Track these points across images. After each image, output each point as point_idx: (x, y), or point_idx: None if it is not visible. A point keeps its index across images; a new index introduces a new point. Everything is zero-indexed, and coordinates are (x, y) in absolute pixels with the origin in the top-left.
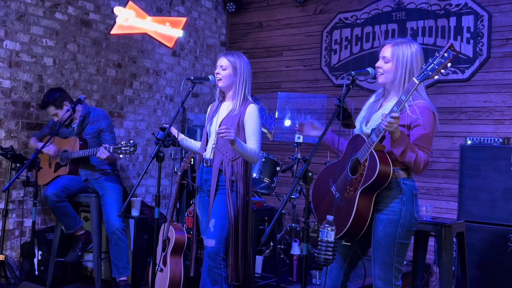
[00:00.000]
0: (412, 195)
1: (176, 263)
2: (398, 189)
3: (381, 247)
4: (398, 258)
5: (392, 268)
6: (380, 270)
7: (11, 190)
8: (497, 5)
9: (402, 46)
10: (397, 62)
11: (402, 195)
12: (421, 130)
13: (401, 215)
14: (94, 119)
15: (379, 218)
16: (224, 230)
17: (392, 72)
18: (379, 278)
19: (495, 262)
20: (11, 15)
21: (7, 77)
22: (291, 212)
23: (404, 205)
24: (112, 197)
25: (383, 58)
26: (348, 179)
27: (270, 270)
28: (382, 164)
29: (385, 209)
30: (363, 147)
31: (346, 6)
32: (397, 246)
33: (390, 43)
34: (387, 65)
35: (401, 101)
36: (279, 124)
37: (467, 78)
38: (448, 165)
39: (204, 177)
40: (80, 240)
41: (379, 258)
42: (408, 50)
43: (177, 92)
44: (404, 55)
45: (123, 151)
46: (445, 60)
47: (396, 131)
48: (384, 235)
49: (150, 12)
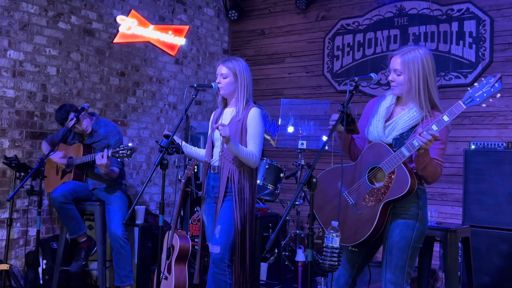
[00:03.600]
0: (426, 199)
1: (180, 270)
2: (414, 194)
3: (396, 251)
4: (410, 262)
5: (404, 272)
6: (392, 274)
7: (15, 199)
8: (499, 9)
9: (410, 54)
10: (409, 73)
11: (418, 200)
12: (439, 145)
13: (418, 219)
14: (105, 135)
15: (396, 222)
16: (230, 237)
17: (406, 83)
18: (390, 282)
19: (501, 267)
20: (14, 25)
21: (11, 87)
22: (295, 218)
23: (420, 209)
24: (116, 206)
25: (394, 71)
26: (367, 187)
27: (275, 277)
28: (412, 179)
29: (402, 213)
30: (391, 159)
31: (348, 13)
32: (411, 250)
33: (398, 54)
34: (400, 77)
35: (443, 122)
36: (282, 131)
37: (469, 82)
38: (452, 170)
39: (211, 183)
40: (83, 249)
41: (392, 262)
42: (417, 57)
43: (180, 100)
44: (414, 64)
45: (120, 154)
46: (495, 90)
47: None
48: (400, 238)
49: (153, 20)
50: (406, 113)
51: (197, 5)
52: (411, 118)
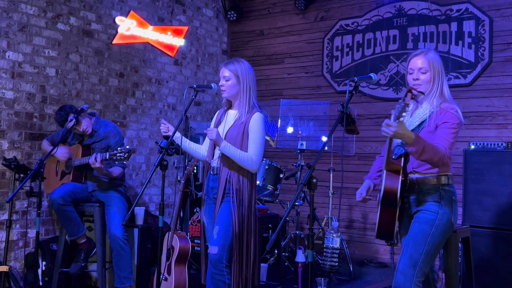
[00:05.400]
0: (451, 200)
1: (180, 272)
2: (438, 194)
3: (413, 242)
4: (425, 258)
5: (416, 266)
6: (404, 265)
7: (14, 201)
8: (498, 9)
9: (430, 54)
10: (434, 71)
11: (440, 199)
12: (443, 127)
13: (438, 217)
14: (105, 135)
15: (417, 217)
16: (228, 237)
17: (431, 80)
18: (401, 272)
19: (501, 267)
20: (13, 26)
21: (10, 88)
22: (295, 219)
23: (441, 208)
24: (115, 207)
25: (419, 69)
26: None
27: (275, 278)
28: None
29: (424, 210)
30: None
31: (347, 13)
32: (428, 245)
33: (420, 53)
34: (425, 75)
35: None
36: (281, 131)
37: (469, 83)
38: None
39: (210, 184)
40: (82, 250)
41: (408, 253)
42: (437, 58)
43: (180, 100)
44: (437, 62)
45: (118, 157)
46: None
47: (402, 137)
48: (418, 231)
49: (152, 21)
50: (418, 111)
51: (196, 6)
52: (421, 115)
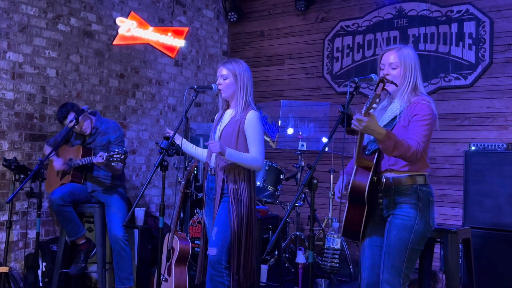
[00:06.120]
0: (429, 201)
1: (180, 272)
2: (415, 196)
3: (393, 252)
4: (408, 265)
5: (401, 274)
6: (389, 275)
7: (14, 202)
8: (499, 10)
9: (404, 50)
10: (406, 66)
11: (418, 201)
12: (414, 119)
13: (416, 221)
14: (105, 131)
15: (394, 223)
16: (226, 238)
17: (402, 76)
18: (387, 282)
19: (502, 268)
20: (14, 27)
21: (10, 89)
22: (295, 220)
23: (419, 211)
24: (116, 208)
25: (390, 64)
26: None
27: (275, 279)
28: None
29: (400, 215)
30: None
31: (348, 14)
32: (409, 251)
33: (393, 49)
34: (395, 70)
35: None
36: (282, 132)
37: (469, 84)
38: (453, 171)
39: (209, 185)
40: (82, 251)
41: (389, 262)
42: (410, 53)
43: (180, 101)
44: (409, 58)
45: (115, 158)
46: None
47: (372, 133)
48: (397, 239)
49: (152, 22)
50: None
51: (196, 7)
52: (393, 109)
